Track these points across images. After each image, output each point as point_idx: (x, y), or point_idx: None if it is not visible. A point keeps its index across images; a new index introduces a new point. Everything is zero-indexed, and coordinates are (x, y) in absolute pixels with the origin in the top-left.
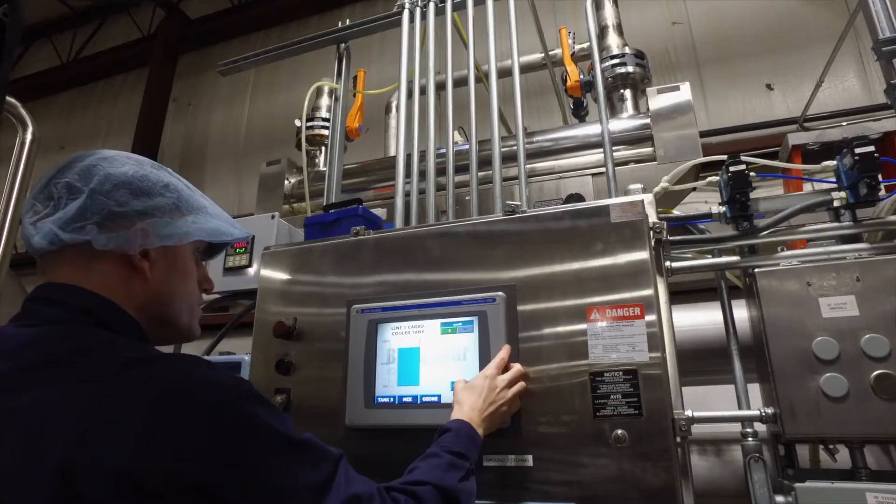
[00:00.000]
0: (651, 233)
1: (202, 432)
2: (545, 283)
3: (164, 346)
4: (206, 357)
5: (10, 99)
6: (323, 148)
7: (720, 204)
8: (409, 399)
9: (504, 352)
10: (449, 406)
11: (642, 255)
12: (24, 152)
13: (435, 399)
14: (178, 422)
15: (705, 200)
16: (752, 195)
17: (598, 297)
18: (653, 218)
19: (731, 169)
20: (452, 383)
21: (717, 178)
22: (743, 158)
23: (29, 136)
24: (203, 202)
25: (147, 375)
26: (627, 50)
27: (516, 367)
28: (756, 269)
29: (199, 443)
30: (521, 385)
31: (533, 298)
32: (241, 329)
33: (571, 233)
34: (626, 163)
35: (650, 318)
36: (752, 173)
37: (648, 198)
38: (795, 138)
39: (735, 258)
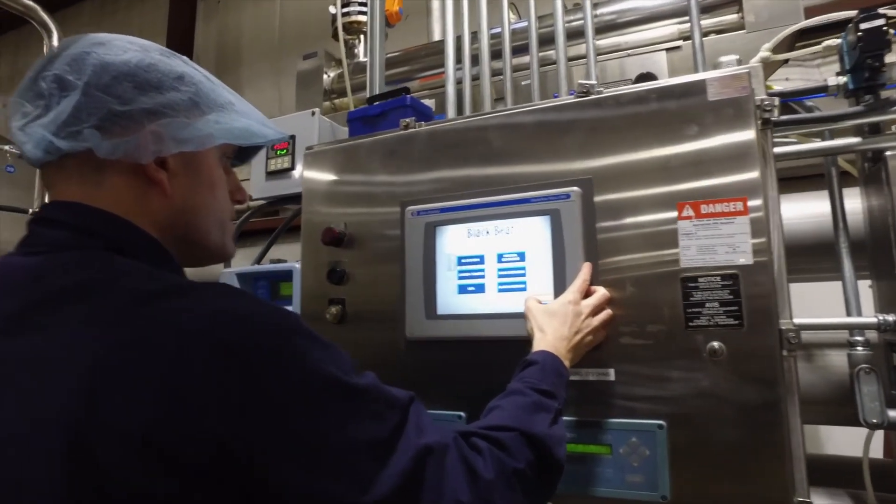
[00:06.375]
0: (758, 112)
1: (236, 383)
2: (627, 176)
3: (198, 268)
4: (256, 266)
5: (29, 2)
6: (362, 36)
7: (839, 74)
8: (474, 310)
9: (585, 272)
10: (517, 316)
11: (747, 139)
12: None
13: (502, 310)
14: (206, 370)
15: (786, 77)
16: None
17: (692, 190)
18: (760, 94)
19: (863, 26)
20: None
21: (839, 41)
22: (882, 11)
23: (55, 43)
24: (228, 97)
25: (168, 313)
26: None
27: (601, 292)
28: (888, 152)
29: (233, 396)
30: (607, 312)
31: (613, 194)
32: (292, 233)
33: (658, 115)
34: (704, 34)
35: (755, 213)
36: (891, 30)
37: (755, 69)
38: None
39: (855, 140)
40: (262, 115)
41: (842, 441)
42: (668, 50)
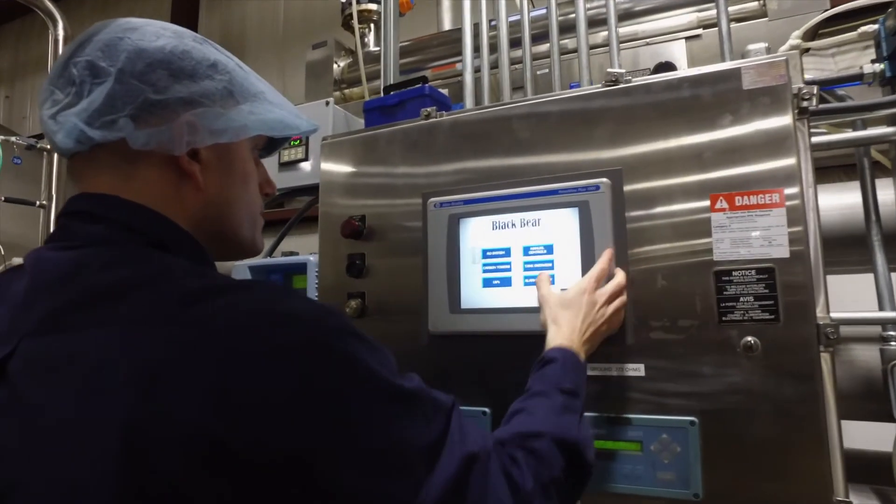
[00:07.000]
0: (795, 100)
1: (287, 381)
2: (658, 168)
3: (224, 262)
4: (268, 258)
5: None
6: (372, 25)
7: (874, 61)
8: (500, 304)
9: (604, 259)
10: None
11: (784, 129)
12: (58, 52)
13: (529, 304)
14: (257, 372)
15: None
16: None
17: (727, 180)
18: (797, 82)
19: None
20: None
21: (875, 27)
22: None
23: (61, 33)
24: (260, 86)
25: (216, 311)
26: None
27: (616, 279)
28: None
29: (284, 395)
30: (621, 299)
31: (643, 186)
32: (303, 225)
33: (691, 104)
34: None
35: (792, 204)
36: None
37: (792, 57)
38: None
39: (891, 129)
40: (293, 106)
41: (858, 436)
42: (687, 39)
